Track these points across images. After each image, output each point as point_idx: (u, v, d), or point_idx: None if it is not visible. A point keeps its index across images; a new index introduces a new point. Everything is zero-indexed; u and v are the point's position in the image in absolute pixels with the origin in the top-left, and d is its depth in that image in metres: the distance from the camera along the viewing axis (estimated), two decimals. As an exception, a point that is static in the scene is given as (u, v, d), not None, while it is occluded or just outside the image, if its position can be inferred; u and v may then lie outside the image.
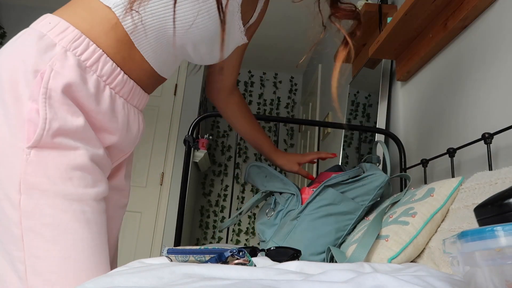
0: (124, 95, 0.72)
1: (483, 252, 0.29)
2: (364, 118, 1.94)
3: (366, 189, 0.97)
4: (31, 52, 0.61)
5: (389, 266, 0.65)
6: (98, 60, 0.65)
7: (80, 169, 0.63)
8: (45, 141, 0.59)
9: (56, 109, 0.60)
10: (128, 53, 0.69)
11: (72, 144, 0.62)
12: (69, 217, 0.61)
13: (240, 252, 0.55)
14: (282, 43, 3.88)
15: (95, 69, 0.65)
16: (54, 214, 0.60)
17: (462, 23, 1.17)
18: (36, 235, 0.59)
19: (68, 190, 0.61)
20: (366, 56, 1.96)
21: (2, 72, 0.61)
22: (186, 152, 1.47)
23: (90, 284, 0.41)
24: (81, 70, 0.63)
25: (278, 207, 1.02)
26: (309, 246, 0.91)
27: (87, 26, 0.65)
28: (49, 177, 0.60)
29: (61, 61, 0.61)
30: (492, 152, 1.01)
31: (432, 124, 1.35)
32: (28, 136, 0.59)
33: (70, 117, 0.62)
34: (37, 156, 0.59)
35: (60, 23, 0.64)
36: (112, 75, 0.68)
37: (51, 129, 0.60)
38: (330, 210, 0.94)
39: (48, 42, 0.62)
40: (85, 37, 0.64)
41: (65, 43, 0.63)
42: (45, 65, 0.60)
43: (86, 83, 0.64)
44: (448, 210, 0.83)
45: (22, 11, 3.59)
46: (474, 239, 0.29)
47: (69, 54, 0.62)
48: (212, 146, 4.40)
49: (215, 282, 0.39)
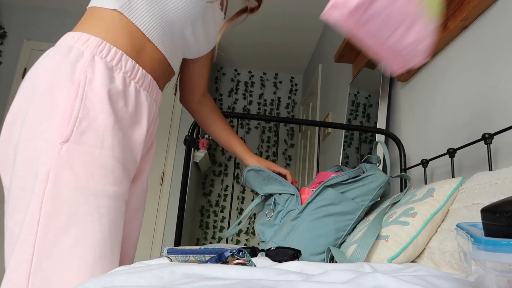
0: (146, 88, 0.81)
1: (496, 263, 0.28)
2: (365, 118, 1.94)
3: (366, 189, 0.97)
4: (64, 62, 0.70)
5: (389, 266, 0.65)
6: (121, 59, 0.75)
7: (103, 167, 0.69)
8: (75, 137, 0.67)
9: (88, 109, 0.68)
10: (141, 47, 0.79)
11: (99, 143, 0.69)
12: (85, 210, 0.66)
13: (240, 252, 0.55)
14: (282, 43, 3.88)
15: (120, 67, 0.75)
16: (72, 204, 0.65)
17: (462, 23, 1.17)
18: (52, 220, 0.64)
19: (88, 185, 0.67)
20: (367, 57, 1.96)
21: (40, 82, 0.70)
22: (186, 152, 1.47)
23: (91, 284, 0.41)
24: (109, 70, 0.73)
25: (278, 207, 1.02)
26: (309, 246, 0.91)
27: (104, 33, 0.75)
28: (74, 171, 0.66)
29: (92, 66, 0.71)
30: (492, 152, 1.01)
31: (432, 124, 1.35)
32: (62, 132, 0.66)
33: (101, 117, 0.70)
34: (67, 151, 0.66)
35: (82, 35, 0.74)
36: (134, 70, 0.77)
37: (81, 127, 0.67)
38: (330, 210, 0.94)
39: (77, 51, 0.72)
40: (106, 42, 0.74)
41: (91, 49, 0.72)
42: (79, 72, 0.70)
43: (115, 81, 0.73)
44: (448, 211, 0.83)
45: (22, 11, 3.59)
46: (488, 249, 0.29)
47: (96, 58, 0.72)
48: (212, 146, 4.41)
49: (215, 282, 0.39)
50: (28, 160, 0.67)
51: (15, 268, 0.63)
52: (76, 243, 0.65)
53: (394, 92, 1.71)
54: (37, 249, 0.63)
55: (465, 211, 0.77)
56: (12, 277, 0.63)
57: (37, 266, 0.62)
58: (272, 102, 4.55)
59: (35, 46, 3.49)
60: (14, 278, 0.62)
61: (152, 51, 0.81)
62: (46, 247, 0.63)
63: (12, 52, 3.46)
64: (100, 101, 0.70)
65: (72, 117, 0.67)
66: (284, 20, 3.47)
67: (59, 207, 0.65)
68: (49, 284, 0.63)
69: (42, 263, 0.63)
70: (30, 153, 0.67)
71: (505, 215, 0.31)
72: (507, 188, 0.70)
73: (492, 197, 0.71)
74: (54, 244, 0.64)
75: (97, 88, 0.70)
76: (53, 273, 0.63)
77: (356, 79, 2.15)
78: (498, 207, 0.32)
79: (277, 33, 3.68)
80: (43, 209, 0.64)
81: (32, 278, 0.62)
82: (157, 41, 0.81)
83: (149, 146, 0.91)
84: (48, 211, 0.64)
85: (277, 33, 3.69)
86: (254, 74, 4.59)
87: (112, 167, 0.70)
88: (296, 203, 0.98)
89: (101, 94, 0.70)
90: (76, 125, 0.67)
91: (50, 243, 0.64)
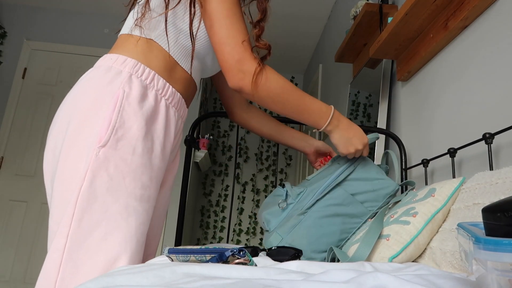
0: (175, 105, 0.90)
1: (497, 263, 0.28)
2: (365, 118, 1.94)
3: (376, 195, 0.97)
4: (105, 79, 0.80)
5: (390, 265, 0.65)
6: (153, 78, 0.84)
7: (133, 172, 0.77)
8: (112, 143, 0.75)
9: (124, 120, 0.77)
10: (171, 69, 0.88)
11: (131, 150, 0.77)
12: (115, 208, 0.74)
13: (241, 251, 0.55)
14: (282, 42, 3.88)
15: (153, 86, 0.84)
16: (104, 202, 0.73)
17: (462, 23, 1.17)
18: (85, 215, 0.71)
19: (120, 186, 0.75)
20: (367, 56, 1.96)
21: (82, 98, 0.79)
22: (186, 152, 1.47)
23: (92, 283, 0.41)
24: (143, 88, 0.81)
25: (289, 200, 1.01)
26: (312, 243, 0.91)
27: (139, 56, 0.83)
28: (108, 173, 0.74)
29: (129, 83, 0.80)
30: (493, 152, 1.01)
31: (433, 124, 1.35)
32: (100, 138, 0.74)
33: (135, 128, 0.78)
34: (104, 154, 0.74)
35: (119, 57, 0.83)
36: (164, 89, 0.86)
37: (117, 135, 0.76)
38: (338, 210, 0.94)
39: (116, 71, 0.81)
40: (141, 63, 0.83)
41: (128, 69, 0.81)
42: (118, 87, 0.78)
43: (148, 98, 0.82)
44: (449, 210, 0.83)
45: (22, 11, 3.59)
46: (489, 249, 0.29)
47: (133, 77, 0.81)
48: (212, 146, 4.40)
49: (216, 282, 0.39)
50: (70, 165, 0.74)
51: (49, 256, 0.70)
52: (104, 237, 0.72)
53: (395, 91, 1.71)
54: (69, 240, 0.70)
55: (466, 211, 0.77)
56: (46, 265, 0.70)
57: (68, 256, 0.69)
58: (273, 102, 4.55)
59: (35, 46, 3.49)
60: (48, 265, 0.70)
61: (181, 72, 0.90)
62: (78, 239, 0.70)
63: (12, 52, 3.46)
64: (135, 114, 0.78)
65: (110, 125, 0.75)
66: (285, 20, 3.47)
67: (92, 204, 0.72)
68: (77, 273, 0.69)
69: (73, 254, 0.70)
70: (72, 159, 0.75)
71: (506, 214, 0.31)
72: (507, 187, 0.70)
73: (493, 197, 0.71)
74: (86, 237, 0.71)
75: (133, 102, 0.78)
76: (81, 264, 0.70)
77: (357, 79, 2.15)
78: (499, 207, 0.32)
79: (277, 32, 3.68)
80: (78, 204, 0.71)
81: (63, 266, 0.69)
82: (185, 65, 0.90)
83: (173, 158, 0.99)
84: (83, 206, 0.71)
85: (277, 33, 3.69)
86: (255, 74, 4.58)
87: (141, 172, 0.78)
88: (307, 198, 0.98)
89: (136, 107, 0.79)
90: (113, 132, 0.75)
91: (82, 235, 0.71)
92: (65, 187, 0.74)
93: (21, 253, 3.07)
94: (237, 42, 0.80)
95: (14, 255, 3.06)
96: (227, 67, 0.81)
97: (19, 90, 3.39)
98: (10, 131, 3.31)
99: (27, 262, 3.06)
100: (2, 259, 3.05)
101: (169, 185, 0.99)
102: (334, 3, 3.17)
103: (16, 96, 3.38)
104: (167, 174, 0.97)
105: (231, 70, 0.81)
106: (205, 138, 3.44)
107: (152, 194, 0.81)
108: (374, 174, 1.00)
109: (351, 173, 0.99)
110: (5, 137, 3.28)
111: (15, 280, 3.01)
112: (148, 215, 0.80)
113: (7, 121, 3.31)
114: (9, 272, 3.03)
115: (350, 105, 2.21)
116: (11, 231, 3.12)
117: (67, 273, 0.69)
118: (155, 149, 0.82)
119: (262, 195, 4.32)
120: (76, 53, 3.52)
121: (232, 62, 0.80)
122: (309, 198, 0.97)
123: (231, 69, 0.81)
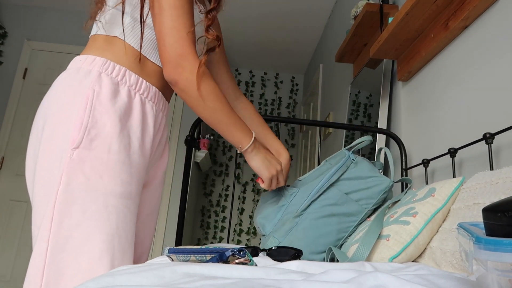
0: (151, 99, 0.89)
1: (497, 263, 0.28)
2: (365, 118, 1.94)
3: (370, 193, 0.97)
4: (74, 81, 0.80)
5: (390, 265, 0.65)
6: (125, 74, 0.83)
7: (111, 170, 0.76)
8: (85, 144, 0.75)
9: (97, 119, 0.77)
10: (144, 64, 0.87)
11: (107, 149, 0.77)
12: (94, 208, 0.74)
13: (241, 251, 0.55)
14: (283, 42, 3.88)
15: (125, 82, 0.83)
16: (82, 203, 0.73)
17: (463, 23, 1.17)
18: (64, 218, 0.71)
19: (97, 186, 0.75)
20: (367, 56, 1.96)
21: (53, 101, 0.80)
22: (187, 152, 1.47)
23: (92, 283, 0.41)
24: (114, 85, 0.81)
25: (282, 201, 1.01)
26: (310, 245, 0.91)
27: (109, 55, 0.84)
28: (84, 173, 0.74)
29: (99, 82, 0.79)
30: (493, 151, 1.01)
31: (433, 124, 1.35)
32: (73, 140, 0.75)
33: (108, 126, 0.77)
34: (78, 155, 0.74)
35: (88, 57, 0.83)
36: (138, 84, 0.85)
37: (90, 135, 0.75)
38: (333, 210, 0.94)
39: (85, 71, 0.81)
40: (110, 61, 0.83)
41: (98, 68, 0.81)
42: (87, 87, 0.78)
43: (120, 94, 0.81)
44: (449, 210, 0.83)
45: (23, 11, 3.60)
46: (489, 248, 0.29)
47: (103, 75, 0.81)
48: (213, 146, 4.41)
49: (216, 281, 0.39)
50: (46, 169, 0.75)
51: (32, 261, 0.70)
52: (86, 238, 0.72)
53: (395, 92, 1.71)
54: (51, 244, 0.70)
55: (466, 211, 0.76)
56: (30, 271, 0.70)
57: (51, 260, 0.69)
58: (273, 102, 4.55)
59: (36, 46, 3.49)
60: (31, 271, 0.70)
61: (152, 65, 0.89)
62: (59, 242, 0.70)
63: (13, 52, 3.47)
64: (107, 112, 0.78)
65: (82, 126, 0.75)
66: (285, 20, 3.47)
67: (71, 206, 0.72)
68: (62, 276, 0.69)
69: (56, 257, 0.70)
70: (48, 163, 0.75)
71: (506, 214, 0.31)
72: (508, 187, 0.69)
73: (493, 197, 0.71)
74: (67, 239, 0.71)
75: (104, 100, 0.78)
76: (65, 266, 0.70)
77: (357, 79, 2.15)
78: (500, 207, 0.32)
79: (278, 33, 3.68)
80: (56, 207, 0.71)
81: (46, 270, 0.69)
82: (154, 59, 0.89)
83: (160, 155, 0.97)
84: (61, 209, 0.71)
85: (278, 33, 3.69)
86: (255, 74, 4.59)
87: (119, 170, 0.78)
88: (300, 199, 0.98)
89: (108, 105, 0.78)
90: (86, 133, 0.75)
91: (63, 238, 0.71)
92: (42, 191, 0.74)
93: (22, 253, 3.07)
94: (181, 35, 0.79)
95: (15, 255, 3.07)
96: (167, 57, 0.79)
97: (19, 90, 3.40)
98: (10, 131, 3.31)
99: (27, 262, 3.07)
100: (3, 259, 3.05)
101: (158, 181, 0.98)
102: (334, 3, 3.17)
103: (17, 96, 3.38)
104: (156, 170, 0.96)
105: (170, 62, 0.79)
106: (205, 138, 3.44)
107: (133, 190, 0.81)
108: (367, 172, 1.00)
109: (344, 172, 0.99)
110: (5, 137, 3.29)
111: (16, 280, 3.01)
112: (131, 212, 0.80)
113: (8, 121, 3.32)
114: (9, 272, 3.03)
115: (350, 105, 2.21)
116: (12, 231, 3.12)
117: (51, 277, 0.69)
118: (132, 145, 0.82)
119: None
120: (76, 53, 3.52)
121: (173, 54, 0.79)
122: (303, 199, 0.97)
123: (171, 61, 0.79)
